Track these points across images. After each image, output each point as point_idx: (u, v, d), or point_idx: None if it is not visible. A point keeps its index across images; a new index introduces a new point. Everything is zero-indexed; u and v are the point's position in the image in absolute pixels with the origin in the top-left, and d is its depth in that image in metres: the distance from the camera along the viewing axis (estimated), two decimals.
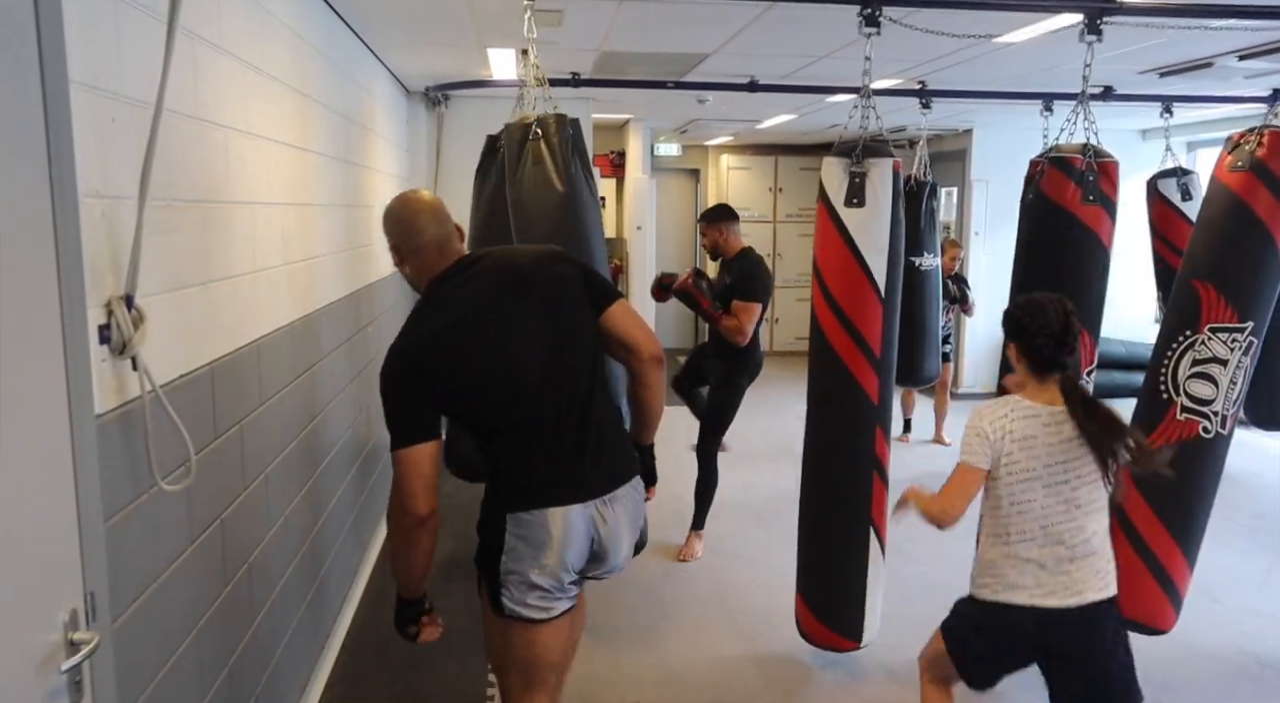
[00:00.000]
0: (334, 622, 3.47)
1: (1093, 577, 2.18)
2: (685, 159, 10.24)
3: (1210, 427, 3.04)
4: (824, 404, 3.18)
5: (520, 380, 2.05)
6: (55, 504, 1.38)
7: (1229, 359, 2.98)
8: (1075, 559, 2.17)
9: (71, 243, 1.40)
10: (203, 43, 2.12)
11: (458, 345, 2.03)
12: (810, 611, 3.25)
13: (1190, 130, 7.52)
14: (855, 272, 2.99)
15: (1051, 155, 3.12)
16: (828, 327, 3.05)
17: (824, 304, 3.07)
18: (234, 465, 2.29)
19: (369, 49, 4.56)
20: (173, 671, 1.86)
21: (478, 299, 2.07)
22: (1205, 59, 4.44)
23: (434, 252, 2.13)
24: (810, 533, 3.25)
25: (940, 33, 3.26)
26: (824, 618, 3.22)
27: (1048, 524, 2.18)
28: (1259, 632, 3.68)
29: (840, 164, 2.99)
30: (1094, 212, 3.06)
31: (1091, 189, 3.03)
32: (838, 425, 3.14)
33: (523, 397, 2.06)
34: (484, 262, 2.15)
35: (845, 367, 3.03)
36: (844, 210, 2.98)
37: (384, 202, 2.33)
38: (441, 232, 2.14)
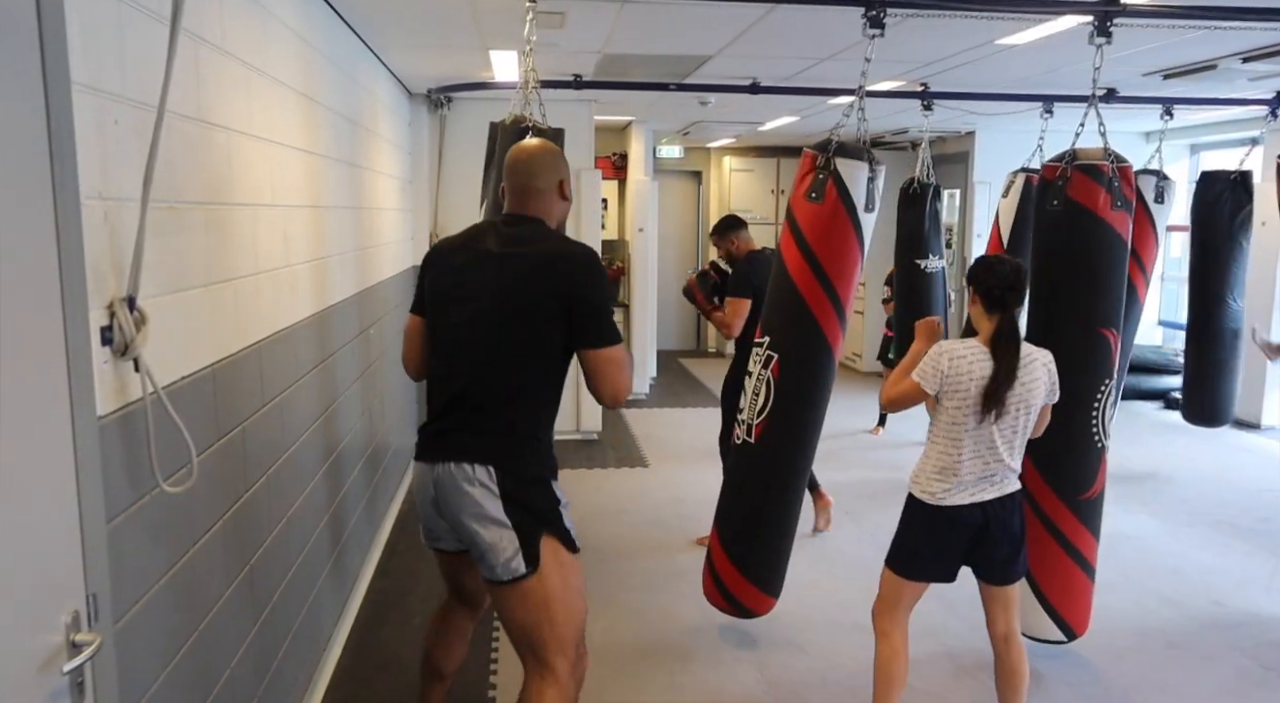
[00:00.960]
0: (337, 622, 3.47)
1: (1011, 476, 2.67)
2: (687, 161, 10.24)
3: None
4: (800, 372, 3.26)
5: (445, 332, 2.29)
6: (57, 506, 1.38)
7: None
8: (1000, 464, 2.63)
9: (73, 245, 1.40)
10: (205, 45, 2.12)
11: (438, 266, 2.35)
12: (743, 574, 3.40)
13: (1193, 132, 7.52)
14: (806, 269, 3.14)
15: (1078, 162, 3.04)
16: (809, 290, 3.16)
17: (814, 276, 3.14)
18: (236, 467, 2.29)
19: (371, 51, 4.57)
20: (175, 672, 1.86)
21: (472, 249, 2.30)
22: (1209, 61, 4.44)
23: (510, 195, 2.35)
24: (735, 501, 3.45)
25: (948, 14, 3.24)
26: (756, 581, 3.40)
27: (992, 443, 2.61)
28: (1263, 635, 3.67)
29: (862, 168, 3.03)
30: (1122, 217, 3.04)
31: (1119, 195, 3.02)
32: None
33: (440, 345, 2.30)
34: (498, 238, 2.28)
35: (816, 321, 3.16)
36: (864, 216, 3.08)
37: (386, 204, 2.37)
38: (516, 183, 2.32)
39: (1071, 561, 3.22)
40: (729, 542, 3.42)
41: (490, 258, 2.24)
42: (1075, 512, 3.18)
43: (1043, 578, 3.23)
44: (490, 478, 2.15)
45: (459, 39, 4.30)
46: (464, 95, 5.99)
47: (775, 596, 3.46)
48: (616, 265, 8.46)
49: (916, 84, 5.20)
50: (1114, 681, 3.33)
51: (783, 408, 3.18)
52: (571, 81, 5.10)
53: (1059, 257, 3.15)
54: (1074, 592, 3.27)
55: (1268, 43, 3.92)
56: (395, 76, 5.43)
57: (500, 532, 2.16)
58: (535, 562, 2.17)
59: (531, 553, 2.17)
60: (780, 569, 3.43)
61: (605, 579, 4.17)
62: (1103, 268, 3.08)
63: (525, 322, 2.19)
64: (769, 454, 3.26)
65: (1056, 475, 3.17)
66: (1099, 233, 3.05)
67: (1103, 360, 3.09)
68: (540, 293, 2.17)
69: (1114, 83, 5.04)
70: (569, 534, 2.26)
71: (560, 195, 2.34)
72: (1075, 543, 3.20)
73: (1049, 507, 3.19)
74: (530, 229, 2.28)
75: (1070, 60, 4.44)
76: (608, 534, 4.78)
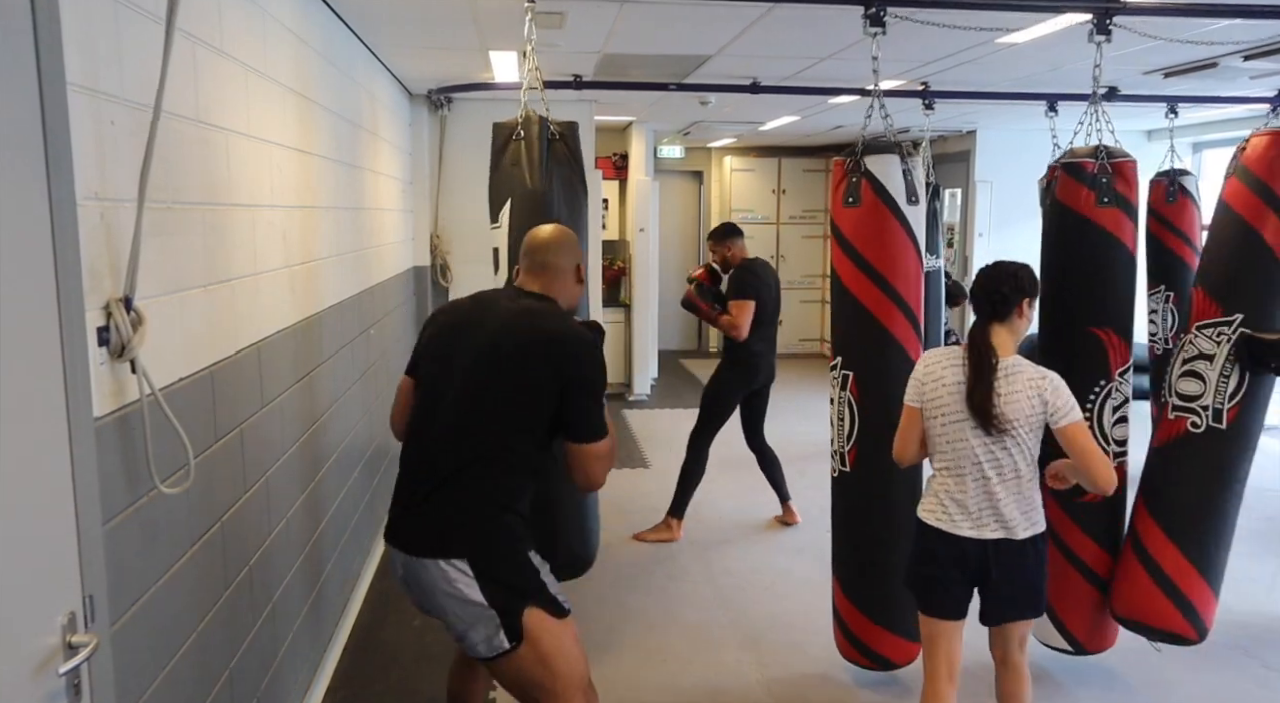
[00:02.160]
0: (336, 624, 3.47)
1: (1020, 514, 2.42)
2: (688, 161, 10.24)
3: (1199, 421, 3.03)
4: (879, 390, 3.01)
5: (431, 399, 2.24)
6: (53, 507, 1.38)
7: (1215, 354, 2.98)
8: (1000, 494, 2.41)
9: (69, 246, 1.40)
10: (203, 45, 2.12)
11: (437, 329, 2.36)
12: (868, 619, 3.08)
13: (1195, 131, 7.50)
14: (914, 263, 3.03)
15: (1064, 161, 3.08)
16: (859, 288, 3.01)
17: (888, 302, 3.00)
18: (234, 468, 2.29)
19: (371, 52, 4.56)
20: (173, 673, 1.85)
21: (473, 318, 2.29)
22: (1210, 59, 4.42)
23: (525, 272, 2.37)
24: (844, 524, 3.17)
25: (949, 25, 3.23)
26: (889, 626, 3.06)
27: (975, 461, 2.41)
28: (1267, 634, 3.66)
29: (898, 163, 2.97)
30: (1111, 214, 3.02)
31: (1106, 191, 3.00)
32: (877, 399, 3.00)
33: (424, 411, 2.25)
34: (503, 308, 2.28)
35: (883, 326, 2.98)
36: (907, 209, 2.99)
37: (386, 205, 2.37)
38: (531, 262, 2.36)
39: (1072, 567, 3.14)
40: (850, 586, 3.15)
41: (491, 328, 2.21)
42: (1071, 515, 3.09)
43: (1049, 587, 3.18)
44: (465, 570, 2.09)
45: (458, 40, 4.29)
46: (464, 96, 5.99)
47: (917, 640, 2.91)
48: (618, 266, 8.45)
49: (917, 83, 5.20)
50: (1116, 681, 3.32)
51: (871, 428, 2.96)
52: (572, 82, 5.10)
53: (1051, 258, 3.16)
54: (1077, 602, 3.16)
55: (1270, 38, 3.90)
56: (395, 77, 5.43)
57: (479, 612, 2.10)
58: (519, 636, 2.12)
59: (514, 628, 2.12)
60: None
61: (606, 580, 4.17)
62: (1089, 266, 3.06)
63: (515, 395, 2.15)
64: (869, 479, 3.03)
65: None
66: (1084, 231, 3.04)
67: (1093, 361, 3.04)
68: (537, 370, 2.15)
69: (1115, 81, 5.02)
70: (555, 601, 2.20)
71: (576, 278, 2.38)
72: (1074, 549, 3.13)
73: (1047, 510, 3.15)
74: (540, 305, 2.28)
75: (1071, 58, 4.43)
76: (608, 535, 4.76)
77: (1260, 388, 3.02)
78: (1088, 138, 3.18)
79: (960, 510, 2.44)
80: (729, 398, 4.65)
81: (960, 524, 2.44)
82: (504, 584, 2.12)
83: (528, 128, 2.93)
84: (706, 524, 4.90)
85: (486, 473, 2.14)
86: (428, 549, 2.11)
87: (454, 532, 2.12)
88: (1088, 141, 3.16)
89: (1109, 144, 3.07)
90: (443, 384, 2.21)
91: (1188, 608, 3.04)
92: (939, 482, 2.49)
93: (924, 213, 3.07)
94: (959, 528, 2.43)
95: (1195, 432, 3.03)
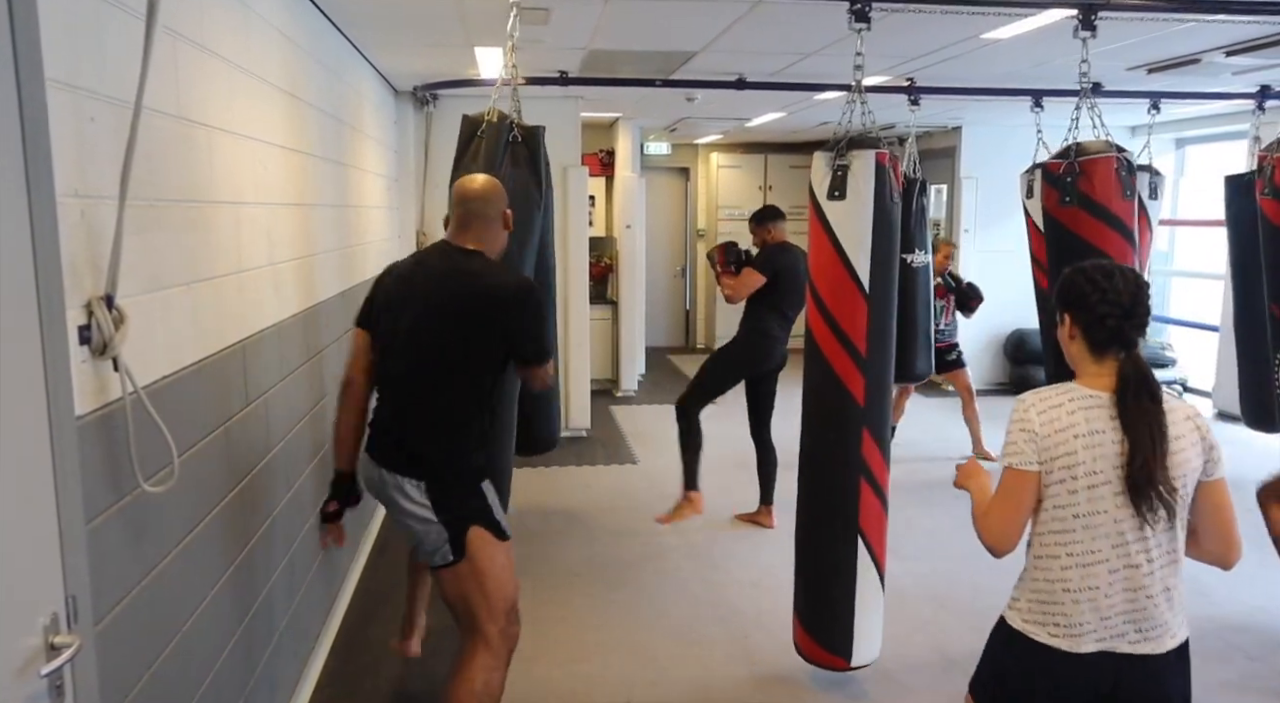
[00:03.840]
0: (324, 623, 3.46)
1: (1171, 613, 1.81)
2: (674, 158, 10.23)
3: None
4: (812, 407, 3.06)
5: (391, 354, 2.46)
6: (35, 507, 1.36)
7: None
8: (1153, 590, 1.78)
9: (49, 243, 1.39)
10: (185, 41, 2.10)
11: (388, 289, 2.52)
12: (802, 626, 3.16)
13: (1179, 127, 7.55)
14: (838, 267, 2.92)
15: (1037, 163, 3.13)
16: (814, 325, 2.99)
17: (812, 302, 3.02)
18: (220, 467, 2.28)
19: (356, 48, 4.54)
20: (158, 674, 1.84)
21: (420, 278, 2.47)
22: (1193, 55, 4.45)
23: (452, 224, 2.53)
24: (801, 544, 3.15)
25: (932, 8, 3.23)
26: (814, 634, 3.11)
27: (1121, 542, 1.76)
28: (1251, 626, 3.69)
29: (825, 158, 2.94)
30: (1071, 213, 3.01)
31: (1069, 190, 3.00)
32: (824, 429, 3.02)
33: (386, 364, 2.48)
34: (438, 270, 2.47)
35: (828, 362, 2.95)
36: (827, 204, 2.93)
37: (372, 202, 2.36)
38: (463, 210, 2.50)
39: None
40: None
41: (430, 290, 2.42)
42: None
43: None
44: (419, 490, 2.39)
45: (444, 36, 4.28)
46: (450, 93, 5.96)
47: None
48: (605, 262, 8.43)
49: (903, 79, 5.21)
50: None
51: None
52: (557, 78, 5.08)
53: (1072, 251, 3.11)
54: None
55: (1251, 35, 3.93)
56: (380, 74, 5.40)
57: (428, 526, 2.41)
58: (462, 551, 2.41)
59: (459, 544, 2.41)
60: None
61: (594, 576, 4.17)
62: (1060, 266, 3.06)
63: (463, 346, 2.38)
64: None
65: None
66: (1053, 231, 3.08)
67: None
68: (480, 324, 2.38)
69: (1098, 77, 5.02)
70: (499, 526, 2.49)
71: (503, 225, 2.54)
72: None
73: None
74: (470, 262, 2.46)
75: (1055, 54, 4.45)
76: (596, 531, 4.77)
77: None
78: (1077, 134, 3.19)
79: (1078, 619, 1.78)
80: (729, 371, 4.64)
81: (1085, 637, 1.78)
82: (452, 507, 2.42)
83: (489, 126, 2.94)
84: (695, 522, 4.90)
85: (447, 412, 2.42)
86: (396, 467, 2.41)
87: (418, 458, 2.41)
88: (1070, 137, 3.18)
89: (1093, 138, 3.09)
90: (401, 340, 2.43)
91: None
92: (1049, 575, 1.81)
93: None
94: (1081, 644, 1.78)
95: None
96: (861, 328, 2.90)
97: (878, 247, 2.92)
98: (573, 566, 4.29)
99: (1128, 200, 3.04)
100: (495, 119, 2.95)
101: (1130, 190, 3.05)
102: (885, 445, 3.02)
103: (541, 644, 3.44)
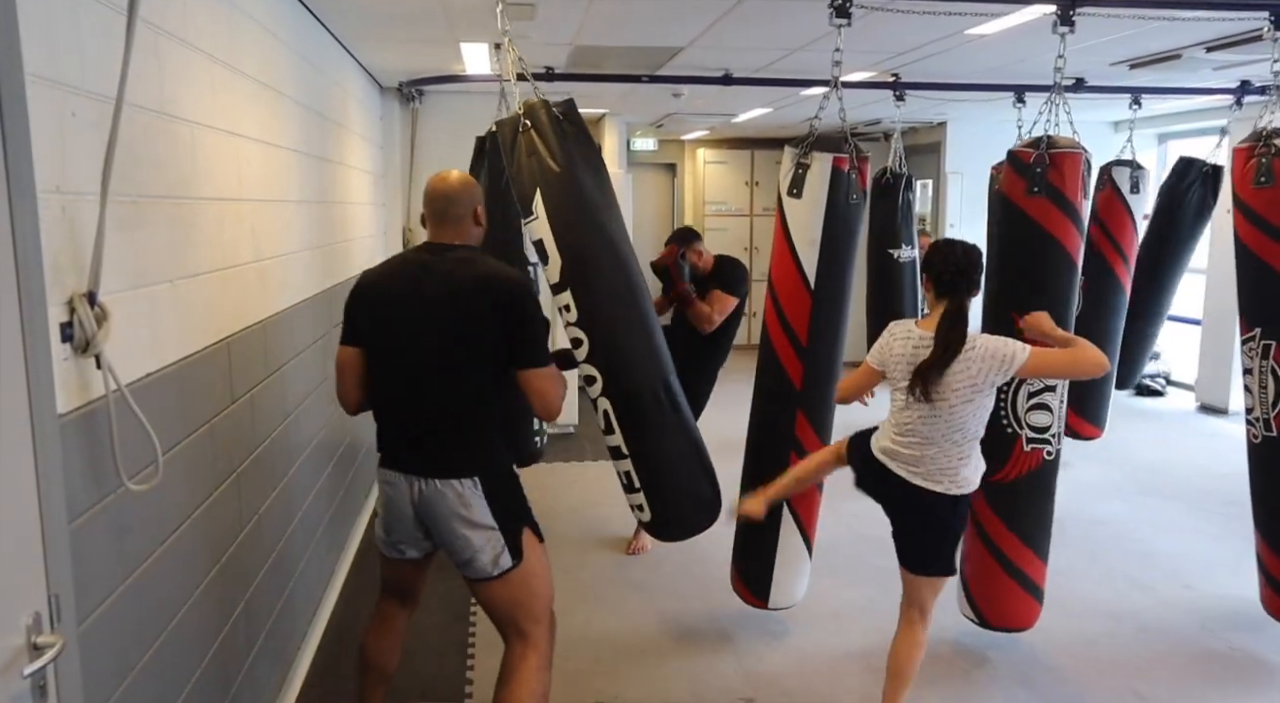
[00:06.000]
0: (310, 621, 3.44)
1: (936, 472, 2.66)
2: (661, 154, 10.22)
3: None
4: (759, 385, 3.36)
5: (395, 358, 2.39)
6: (17, 506, 1.35)
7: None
8: (923, 451, 2.66)
9: (30, 240, 1.37)
10: (166, 36, 2.08)
11: (374, 299, 2.43)
12: (735, 569, 3.57)
13: (1160, 122, 7.60)
14: (788, 262, 3.13)
15: (1008, 152, 3.13)
16: (767, 310, 3.28)
17: (767, 290, 3.28)
18: (205, 465, 2.26)
19: (340, 44, 4.51)
20: (142, 673, 1.83)
21: (413, 277, 2.39)
22: (1174, 51, 4.48)
23: (430, 223, 2.48)
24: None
25: (914, 12, 3.25)
26: (742, 577, 3.52)
27: (910, 422, 2.66)
28: (1232, 615, 3.73)
29: (792, 154, 3.08)
30: (1039, 204, 3.02)
31: (1038, 181, 3.00)
32: (764, 405, 3.34)
33: (393, 371, 2.40)
34: (435, 268, 2.39)
35: (773, 346, 3.23)
36: (786, 200, 3.10)
37: (358, 198, 2.34)
38: (433, 210, 2.45)
39: (979, 541, 3.29)
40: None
41: (432, 288, 2.36)
42: (984, 493, 3.11)
43: (963, 552, 3.33)
44: (476, 487, 2.33)
45: (429, 32, 4.26)
46: (435, 88, 5.94)
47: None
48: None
49: (888, 74, 5.22)
50: (1086, 664, 3.38)
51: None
52: (543, 74, 5.06)
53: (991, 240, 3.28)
54: (982, 574, 3.31)
55: (1231, 32, 3.96)
56: (365, 70, 5.37)
57: (489, 534, 2.34)
58: (520, 554, 2.38)
59: (517, 547, 2.38)
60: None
61: (582, 573, 4.17)
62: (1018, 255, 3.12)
63: (472, 339, 2.34)
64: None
65: None
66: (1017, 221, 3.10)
67: None
68: (482, 314, 2.33)
69: (1081, 72, 5.08)
70: (537, 526, 2.49)
71: (474, 221, 2.49)
72: (985, 526, 3.26)
73: None
74: (465, 254, 2.42)
75: (1039, 50, 4.47)
76: (585, 528, 4.77)
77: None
78: (1055, 127, 3.21)
79: (890, 445, 2.78)
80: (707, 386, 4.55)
81: (884, 454, 2.79)
82: (506, 505, 2.37)
83: (534, 115, 2.79)
84: None
85: (471, 410, 2.36)
86: (441, 471, 2.33)
87: (462, 457, 2.34)
88: (1054, 131, 3.20)
89: (1064, 134, 3.12)
90: (403, 347, 2.37)
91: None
92: (887, 422, 2.77)
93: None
94: (882, 455, 2.80)
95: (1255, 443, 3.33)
96: (804, 321, 3.14)
97: (828, 248, 3.09)
98: (561, 562, 4.28)
99: (1085, 199, 3.09)
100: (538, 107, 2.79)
101: (1088, 191, 3.10)
102: (822, 428, 3.28)
103: None
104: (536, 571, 2.43)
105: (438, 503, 2.33)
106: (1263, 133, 3.18)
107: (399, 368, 2.38)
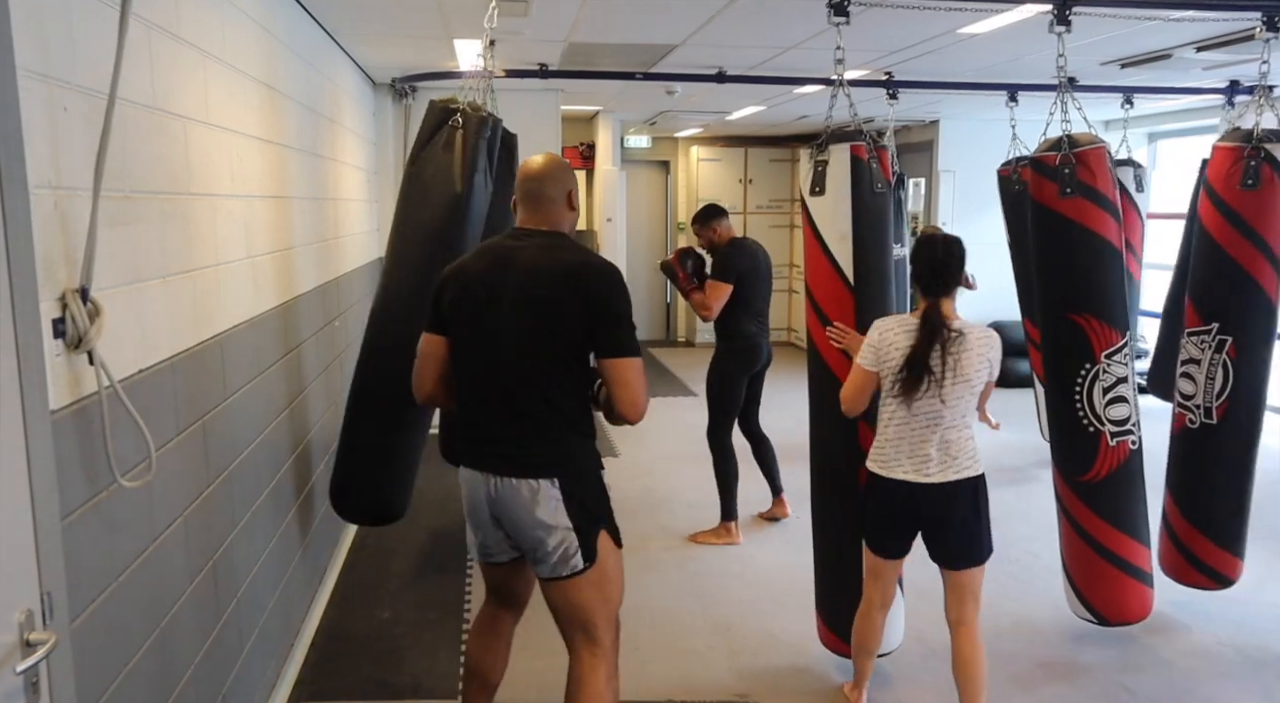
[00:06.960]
0: (304, 617, 3.44)
1: (949, 460, 2.67)
2: (655, 151, 10.23)
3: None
4: (814, 400, 3.15)
5: (475, 347, 2.32)
6: (9, 503, 1.34)
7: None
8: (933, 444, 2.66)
9: (22, 235, 1.37)
10: (159, 31, 2.07)
11: (457, 286, 2.33)
12: (820, 617, 3.24)
13: (1151, 121, 7.64)
14: (823, 262, 3.00)
15: (1029, 158, 3.16)
16: (810, 319, 3.09)
17: (806, 297, 3.12)
18: (198, 461, 2.26)
19: (334, 40, 4.50)
20: (135, 670, 1.83)
21: (502, 265, 2.30)
22: (1164, 51, 4.51)
23: (523, 207, 2.40)
24: (816, 538, 3.23)
25: (912, 7, 3.25)
26: (829, 624, 3.19)
27: (907, 418, 2.66)
28: (1221, 609, 3.75)
29: (807, 155, 3.03)
30: (1075, 204, 3.04)
31: (1069, 182, 3.02)
32: (822, 421, 3.10)
33: (472, 361, 2.33)
34: (522, 248, 2.32)
35: (822, 357, 3.03)
36: (810, 200, 3.01)
37: (351, 195, 2.33)
38: (525, 192, 2.38)
39: (1083, 542, 3.29)
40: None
41: (518, 275, 2.27)
42: (1078, 494, 3.23)
43: (1066, 556, 3.39)
44: (554, 487, 2.25)
45: (422, 28, 4.25)
46: (429, 85, 5.92)
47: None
48: None
49: (881, 73, 5.23)
50: (1074, 662, 3.39)
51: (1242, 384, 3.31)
52: (537, 71, 5.06)
53: (1031, 248, 3.28)
54: (1093, 575, 3.31)
55: (1221, 32, 3.98)
56: (359, 66, 5.36)
57: (564, 534, 2.27)
58: (593, 556, 2.30)
59: (590, 549, 2.30)
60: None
61: None
62: (1064, 257, 3.13)
63: (559, 328, 2.25)
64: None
65: (1058, 457, 3.34)
66: (1053, 223, 3.11)
67: (1075, 346, 3.14)
68: (568, 302, 2.23)
69: (1072, 72, 5.06)
70: (618, 529, 2.39)
71: (569, 205, 2.40)
72: (1083, 525, 3.26)
73: (1058, 486, 3.36)
74: (551, 241, 2.33)
75: (1030, 49, 4.48)
76: None
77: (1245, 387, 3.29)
78: (1055, 127, 3.23)
79: (893, 458, 2.75)
80: (735, 385, 4.50)
81: (893, 471, 2.73)
82: (585, 506, 2.29)
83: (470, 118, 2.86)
84: (676, 513, 4.92)
85: (557, 404, 2.28)
86: (519, 470, 2.26)
87: (543, 456, 2.27)
88: (1047, 132, 3.22)
89: (1074, 132, 3.12)
90: (482, 337, 2.29)
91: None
92: (881, 433, 2.75)
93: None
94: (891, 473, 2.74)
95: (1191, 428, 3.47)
96: (850, 321, 2.95)
97: (860, 239, 2.95)
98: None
99: (1114, 188, 3.12)
100: (473, 111, 2.91)
101: (1116, 179, 3.14)
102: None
103: (527, 637, 3.43)
104: (610, 575, 2.35)
105: (512, 500, 2.26)
106: (1253, 134, 3.19)
107: (478, 358, 2.30)
